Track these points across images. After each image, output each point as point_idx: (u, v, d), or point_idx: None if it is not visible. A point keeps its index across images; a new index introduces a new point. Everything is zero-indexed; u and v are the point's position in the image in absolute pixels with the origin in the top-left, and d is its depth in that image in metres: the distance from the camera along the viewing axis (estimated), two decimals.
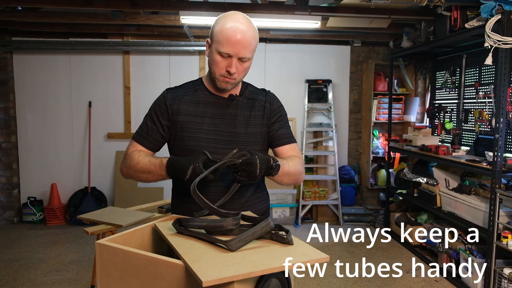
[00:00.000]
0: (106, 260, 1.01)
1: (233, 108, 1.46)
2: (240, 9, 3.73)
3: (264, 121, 1.49)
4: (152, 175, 1.37)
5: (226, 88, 1.41)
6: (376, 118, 5.05)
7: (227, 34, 1.31)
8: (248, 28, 1.33)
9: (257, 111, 1.48)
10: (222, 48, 1.33)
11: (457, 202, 3.36)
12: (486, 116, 3.58)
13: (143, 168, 1.38)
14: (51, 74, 4.88)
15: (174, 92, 1.48)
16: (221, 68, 1.36)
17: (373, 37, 4.93)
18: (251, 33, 1.34)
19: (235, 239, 0.96)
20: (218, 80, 1.39)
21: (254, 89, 1.55)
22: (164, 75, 4.97)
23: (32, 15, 4.14)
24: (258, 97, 1.51)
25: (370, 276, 3.75)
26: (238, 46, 1.32)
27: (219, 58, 1.35)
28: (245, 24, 1.33)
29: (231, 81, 1.39)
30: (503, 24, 2.74)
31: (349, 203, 5.06)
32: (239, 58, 1.34)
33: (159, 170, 1.34)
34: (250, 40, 1.34)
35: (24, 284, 3.23)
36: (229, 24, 1.32)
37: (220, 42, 1.33)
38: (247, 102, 1.49)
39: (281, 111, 1.53)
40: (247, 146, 1.43)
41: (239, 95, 1.48)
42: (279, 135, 1.50)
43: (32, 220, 4.83)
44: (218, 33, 1.33)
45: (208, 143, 1.41)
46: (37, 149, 4.93)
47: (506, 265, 2.83)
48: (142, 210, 3.24)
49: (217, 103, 1.45)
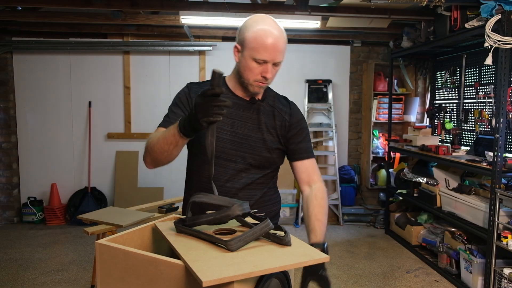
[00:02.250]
0: (106, 260, 1.01)
1: (253, 112, 1.45)
2: (240, 9, 3.77)
3: (280, 133, 1.47)
4: (167, 140, 1.22)
5: (259, 92, 1.42)
6: (376, 118, 5.05)
7: (262, 41, 1.29)
8: (281, 32, 1.33)
9: (276, 121, 1.46)
10: (258, 55, 1.31)
11: (457, 202, 3.36)
12: (486, 116, 3.58)
13: (158, 138, 1.26)
14: (51, 74, 4.89)
15: (197, 87, 1.46)
16: (256, 74, 1.35)
17: (373, 37, 4.93)
18: (283, 37, 1.34)
19: (235, 239, 0.96)
20: (252, 85, 1.38)
21: (276, 95, 1.53)
22: (164, 75, 4.97)
23: (32, 15, 4.14)
24: (280, 106, 1.50)
25: (370, 276, 3.77)
26: (274, 52, 1.31)
27: (254, 65, 1.34)
28: (277, 29, 1.32)
29: (264, 85, 1.40)
30: (503, 24, 2.74)
31: (349, 203, 5.06)
32: (273, 63, 1.35)
33: (172, 129, 1.20)
34: (283, 44, 1.34)
35: (24, 284, 3.23)
36: (263, 30, 1.30)
37: (255, 49, 1.31)
38: (268, 109, 1.47)
39: (301, 124, 1.51)
40: (257, 151, 1.42)
41: (261, 99, 1.47)
42: (299, 149, 1.48)
43: (32, 220, 4.83)
44: (252, 40, 1.31)
45: (223, 143, 1.40)
46: (37, 149, 4.93)
47: (506, 265, 2.83)
48: (142, 210, 3.24)
49: (238, 105, 1.44)
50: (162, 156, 1.28)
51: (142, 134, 4.94)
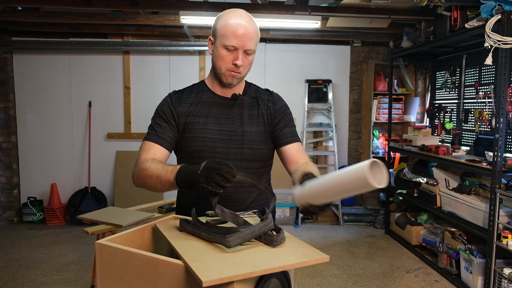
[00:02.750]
0: (106, 260, 1.01)
1: (237, 107, 1.46)
2: (241, 9, 3.75)
3: (267, 120, 1.48)
4: (160, 180, 1.23)
5: (232, 83, 1.41)
6: (376, 118, 5.05)
7: (232, 28, 1.33)
8: (251, 22, 1.37)
9: (261, 110, 1.48)
10: (227, 41, 1.34)
11: (457, 202, 3.36)
12: (486, 116, 3.58)
13: (153, 172, 1.26)
14: (51, 74, 4.89)
15: (178, 94, 1.49)
16: (227, 62, 1.37)
17: (373, 37, 4.93)
18: (253, 26, 1.37)
19: (233, 235, 0.96)
20: (224, 75, 1.39)
21: (258, 88, 1.55)
22: (164, 75, 4.97)
23: (32, 15, 4.14)
24: (262, 96, 1.52)
25: (370, 276, 3.77)
26: (243, 38, 1.33)
27: (224, 52, 1.36)
28: (247, 18, 1.37)
29: (237, 75, 1.39)
30: (503, 24, 2.74)
31: (349, 203, 5.07)
32: (244, 50, 1.36)
33: (170, 174, 1.20)
34: (254, 32, 1.37)
35: (24, 284, 3.23)
36: (233, 19, 1.35)
37: (225, 36, 1.34)
38: (251, 101, 1.49)
39: (284, 110, 1.52)
40: (252, 144, 1.43)
41: (242, 94, 1.49)
42: (284, 134, 1.48)
43: (32, 220, 4.83)
44: (223, 28, 1.35)
45: (214, 143, 1.41)
46: (37, 149, 4.94)
47: (506, 265, 2.83)
48: (142, 210, 3.24)
49: (221, 103, 1.45)
50: (152, 189, 1.31)
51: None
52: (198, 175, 1.07)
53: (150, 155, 1.36)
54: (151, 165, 1.28)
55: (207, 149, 1.40)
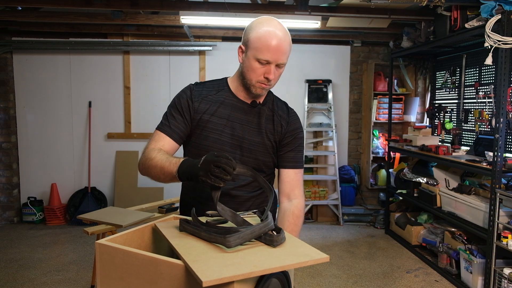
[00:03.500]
0: (106, 260, 1.01)
1: (254, 116, 1.45)
2: (240, 9, 3.77)
3: (276, 138, 1.47)
4: (163, 171, 1.24)
5: (262, 94, 1.41)
6: (376, 118, 5.05)
7: (266, 41, 1.30)
8: (285, 34, 1.33)
9: (274, 126, 1.47)
10: (261, 55, 1.31)
11: (457, 202, 3.36)
12: (486, 116, 3.58)
13: (157, 163, 1.26)
14: (51, 74, 4.89)
15: (200, 89, 1.46)
16: (259, 74, 1.35)
17: (373, 37, 4.93)
18: (288, 39, 1.34)
19: (234, 235, 0.96)
20: (254, 86, 1.38)
21: (277, 100, 1.53)
22: (164, 75, 4.97)
23: (32, 15, 4.14)
24: (279, 112, 1.50)
25: (370, 276, 3.76)
26: (277, 52, 1.31)
27: (257, 65, 1.33)
28: (283, 31, 1.33)
29: (267, 87, 1.39)
30: (503, 24, 2.74)
31: (349, 203, 5.07)
32: (277, 64, 1.34)
33: (173, 166, 1.20)
34: (287, 46, 1.34)
35: (24, 284, 3.23)
36: (267, 31, 1.30)
37: (259, 49, 1.31)
38: (268, 113, 1.47)
39: (296, 134, 1.50)
40: (255, 154, 1.44)
41: (262, 103, 1.47)
42: (287, 157, 1.48)
43: (32, 220, 4.83)
44: (256, 40, 1.31)
45: (222, 145, 1.41)
46: (37, 149, 4.94)
47: (506, 265, 2.83)
48: (142, 210, 3.24)
49: (239, 108, 1.44)
50: (156, 179, 1.31)
51: (142, 134, 4.94)
52: (198, 168, 1.08)
53: (158, 145, 1.36)
54: (157, 155, 1.29)
55: (215, 150, 1.39)
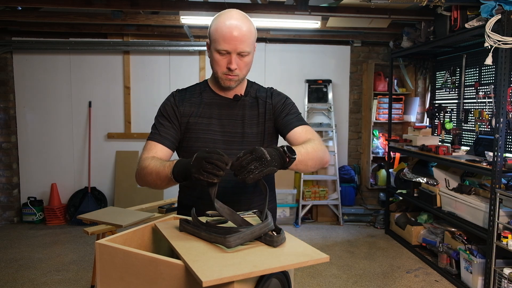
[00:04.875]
0: (106, 260, 1.01)
1: (239, 108, 1.45)
2: (240, 9, 3.73)
3: (268, 117, 1.47)
4: (159, 175, 1.25)
5: (231, 86, 1.40)
6: (376, 118, 5.05)
7: (222, 32, 1.31)
8: (243, 23, 1.32)
9: (260, 109, 1.47)
10: (219, 45, 1.32)
11: (457, 202, 3.36)
12: (486, 116, 3.58)
13: (152, 170, 1.27)
14: (51, 74, 4.89)
15: (182, 94, 1.48)
16: (222, 66, 1.36)
17: (373, 37, 4.93)
18: (246, 26, 1.33)
19: (234, 236, 0.96)
20: (221, 79, 1.39)
21: (259, 87, 1.54)
22: (164, 75, 4.97)
23: (32, 15, 4.14)
24: (262, 94, 1.50)
25: (370, 276, 3.76)
26: (234, 41, 1.31)
27: (218, 57, 1.35)
28: (239, 19, 1.32)
29: (234, 78, 1.38)
30: (503, 24, 2.74)
31: (349, 203, 5.07)
32: (238, 53, 1.33)
33: (167, 169, 1.22)
34: (246, 34, 1.32)
35: (24, 284, 3.23)
36: (224, 22, 1.32)
37: (217, 41, 1.33)
38: (252, 102, 1.47)
39: (283, 101, 1.49)
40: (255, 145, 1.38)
41: (244, 94, 1.48)
42: (285, 122, 1.45)
43: (32, 220, 4.83)
44: (214, 32, 1.34)
45: (216, 144, 1.41)
46: (37, 149, 4.94)
47: (506, 265, 2.83)
48: (142, 210, 3.24)
49: (223, 104, 1.45)
50: (154, 186, 1.32)
51: (142, 134, 4.94)
52: (190, 166, 1.09)
53: (151, 154, 1.36)
54: (151, 163, 1.29)
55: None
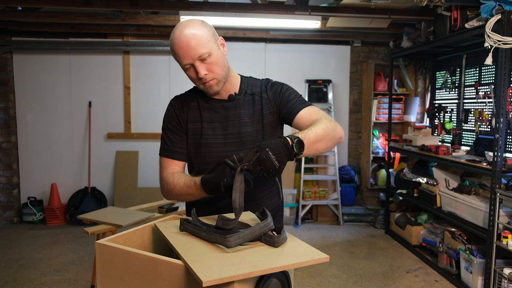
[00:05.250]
0: (106, 260, 1.01)
1: (236, 108, 1.42)
2: (240, 9, 3.77)
3: (266, 112, 1.43)
4: (194, 196, 1.31)
5: (215, 90, 1.38)
6: (376, 118, 5.05)
7: (174, 50, 1.30)
8: (189, 29, 1.28)
9: (257, 106, 1.43)
10: (181, 62, 1.31)
11: (457, 202, 3.36)
12: (486, 116, 3.58)
13: (181, 191, 1.33)
14: (51, 74, 4.89)
15: (180, 100, 1.47)
16: (196, 79, 1.35)
17: (373, 37, 4.93)
18: (192, 32, 1.27)
19: (234, 235, 0.96)
20: (204, 89, 1.38)
21: (254, 82, 1.49)
22: (164, 75, 4.97)
23: (32, 15, 4.14)
24: (257, 90, 1.45)
25: (370, 276, 3.76)
26: (186, 51, 1.28)
27: (188, 72, 1.35)
28: (185, 27, 1.28)
29: (212, 82, 1.35)
30: (503, 24, 2.74)
31: (349, 203, 5.06)
32: (199, 59, 1.29)
33: (198, 191, 1.27)
34: (195, 38, 1.27)
35: (24, 284, 3.23)
36: (172, 41, 1.30)
37: (177, 60, 1.32)
38: (249, 99, 1.44)
39: (279, 90, 1.44)
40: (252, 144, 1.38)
41: (238, 93, 1.45)
42: (289, 108, 1.39)
43: (32, 220, 4.83)
44: (172, 54, 1.33)
45: (218, 148, 1.40)
46: (37, 149, 4.93)
47: (506, 265, 2.83)
48: (142, 210, 3.24)
49: (219, 107, 1.43)
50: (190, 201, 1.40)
51: (142, 134, 4.94)
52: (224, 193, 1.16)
53: (169, 171, 1.41)
54: (175, 183, 1.34)
55: (214, 155, 1.39)
